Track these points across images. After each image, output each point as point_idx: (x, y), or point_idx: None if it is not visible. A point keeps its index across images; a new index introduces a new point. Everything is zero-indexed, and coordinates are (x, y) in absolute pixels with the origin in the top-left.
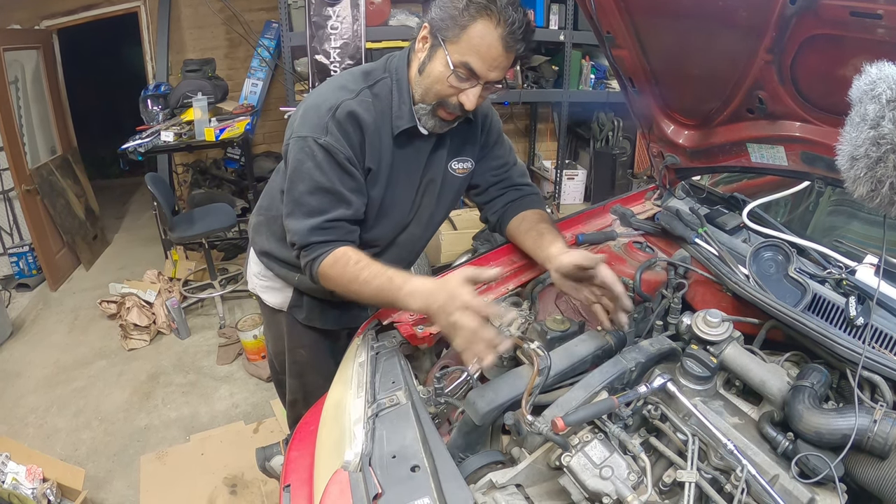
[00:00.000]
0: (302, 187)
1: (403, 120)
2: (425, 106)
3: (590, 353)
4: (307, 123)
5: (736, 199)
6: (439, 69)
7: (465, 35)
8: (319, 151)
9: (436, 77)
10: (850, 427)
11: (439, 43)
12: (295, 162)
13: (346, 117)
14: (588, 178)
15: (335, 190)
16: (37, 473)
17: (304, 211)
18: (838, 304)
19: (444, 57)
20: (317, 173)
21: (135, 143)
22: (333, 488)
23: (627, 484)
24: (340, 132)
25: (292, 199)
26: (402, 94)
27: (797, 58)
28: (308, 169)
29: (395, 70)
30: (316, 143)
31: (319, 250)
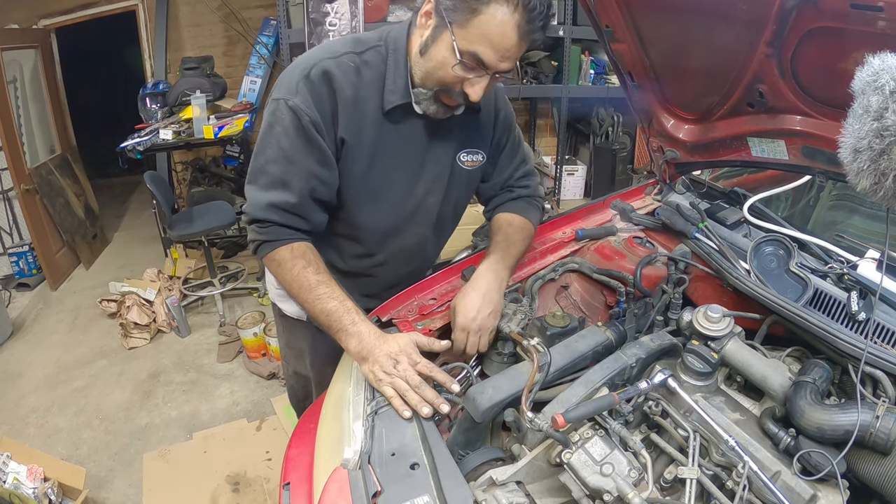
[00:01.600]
0: (269, 153)
1: (396, 95)
2: (425, 91)
3: (590, 349)
4: (281, 84)
5: (736, 193)
6: (443, 54)
7: (475, 20)
8: (287, 114)
9: (439, 63)
10: (853, 423)
11: (445, 24)
12: (265, 125)
13: (319, 77)
14: (588, 174)
15: (300, 160)
16: (38, 473)
17: (267, 181)
18: (840, 299)
19: (450, 42)
20: (283, 139)
21: (133, 141)
22: (333, 486)
23: (628, 481)
24: (311, 93)
25: (256, 166)
26: (398, 68)
27: (798, 51)
28: (276, 134)
29: (392, 41)
30: (285, 105)
31: (278, 235)
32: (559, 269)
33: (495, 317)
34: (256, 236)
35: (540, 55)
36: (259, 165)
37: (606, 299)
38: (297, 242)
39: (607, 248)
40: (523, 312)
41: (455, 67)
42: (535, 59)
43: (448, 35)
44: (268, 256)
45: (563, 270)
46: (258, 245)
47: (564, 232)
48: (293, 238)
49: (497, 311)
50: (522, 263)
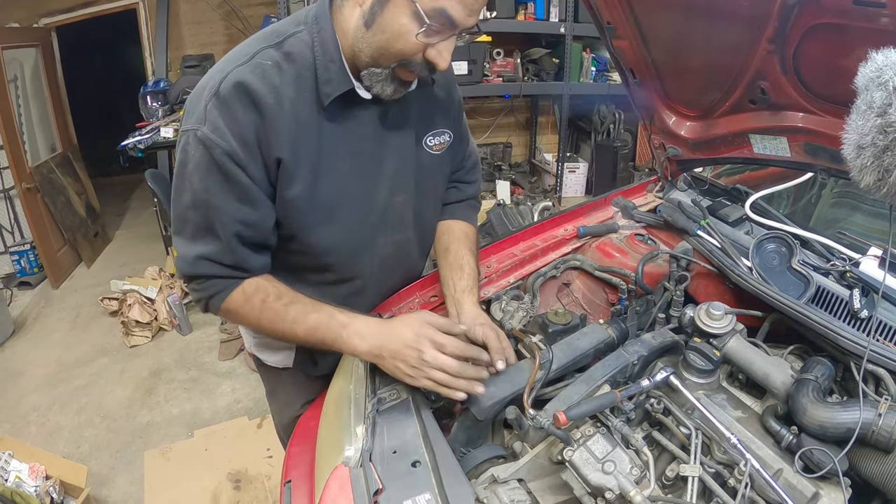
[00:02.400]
0: (186, 198)
1: (333, 84)
2: (380, 70)
3: (592, 346)
4: (189, 112)
5: (738, 190)
6: (401, 21)
7: None
8: (197, 148)
9: (395, 32)
10: (855, 421)
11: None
12: (178, 164)
13: (230, 93)
14: (589, 171)
15: (219, 203)
16: (40, 471)
17: (190, 231)
18: (842, 297)
19: (409, 5)
20: (195, 179)
21: (134, 139)
22: (334, 484)
23: (630, 478)
24: (222, 116)
25: (176, 214)
26: (326, 51)
27: (800, 48)
28: (189, 173)
29: (314, 20)
30: (194, 137)
31: (218, 287)
32: (561, 266)
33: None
34: (198, 295)
35: (541, 52)
36: (179, 212)
37: (608, 296)
38: (246, 281)
39: (609, 246)
40: (525, 310)
41: (420, 33)
42: (536, 56)
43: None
44: (220, 310)
45: (565, 268)
46: (205, 303)
47: (566, 229)
48: (238, 281)
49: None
50: (524, 261)
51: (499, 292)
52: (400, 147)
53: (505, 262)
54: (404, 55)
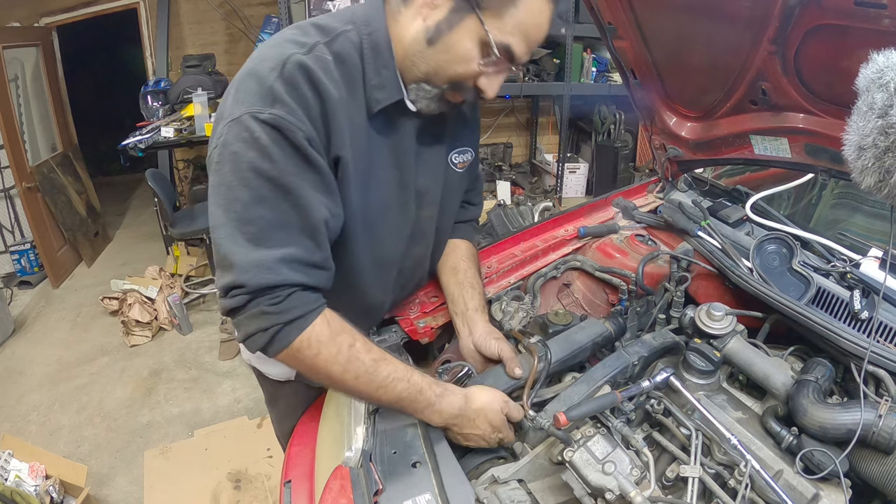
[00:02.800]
0: (245, 195)
1: (385, 91)
2: (430, 88)
3: (589, 339)
4: (242, 95)
5: (739, 191)
6: (467, 46)
7: (513, 9)
8: (264, 132)
9: (460, 56)
10: (855, 422)
11: (469, 9)
12: (228, 160)
13: (297, 75)
14: (590, 172)
15: (302, 190)
16: (40, 471)
17: (254, 232)
18: (842, 298)
19: (479, 31)
20: (265, 166)
21: (135, 139)
22: (334, 484)
23: (630, 479)
24: (294, 97)
25: (231, 218)
26: (379, 56)
27: (801, 48)
28: (252, 163)
29: (363, 23)
30: (257, 121)
31: (306, 305)
32: (561, 266)
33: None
34: (271, 321)
35: (542, 53)
36: (236, 215)
37: (608, 297)
38: (327, 310)
39: (609, 246)
40: (525, 310)
41: (482, 62)
42: (536, 56)
43: (475, 23)
44: (294, 345)
45: (566, 268)
46: (276, 332)
47: (566, 230)
48: (319, 306)
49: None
50: (525, 261)
51: (499, 293)
52: (432, 162)
53: (505, 262)
54: (460, 79)
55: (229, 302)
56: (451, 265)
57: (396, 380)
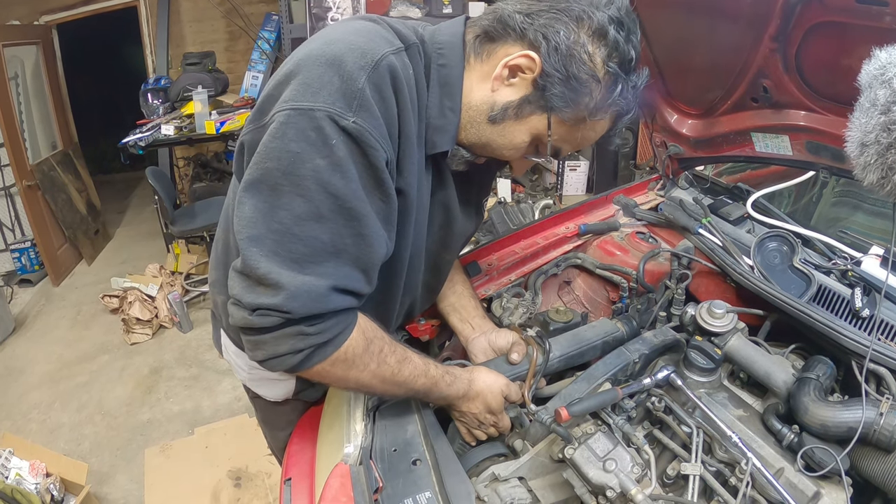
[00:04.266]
0: (300, 205)
1: (445, 137)
2: (468, 156)
3: (598, 338)
4: (319, 86)
5: (740, 189)
6: (523, 138)
7: (583, 126)
8: (343, 141)
9: (513, 144)
10: (856, 420)
11: (543, 108)
12: (285, 155)
13: (389, 81)
14: (590, 169)
15: (366, 216)
16: (40, 469)
17: (299, 252)
18: (844, 296)
19: (542, 131)
20: (335, 180)
21: (135, 136)
22: (334, 482)
23: (631, 477)
24: (381, 108)
25: (274, 230)
26: (448, 96)
27: (802, 46)
28: (316, 171)
29: (436, 45)
30: (335, 126)
31: (341, 325)
32: (562, 264)
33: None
34: (309, 342)
35: None
36: (282, 227)
37: (609, 295)
38: (360, 317)
39: (610, 244)
40: (525, 306)
41: (528, 153)
42: None
43: (542, 123)
44: (325, 363)
45: (566, 265)
46: (310, 354)
47: (567, 227)
48: (355, 317)
49: None
50: (526, 258)
51: (500, 290)
52: (467, 209)
53: (506, 259)
54: (501, 158)
55: (259, 321)
56: (448, 280)
57: (416, 377)
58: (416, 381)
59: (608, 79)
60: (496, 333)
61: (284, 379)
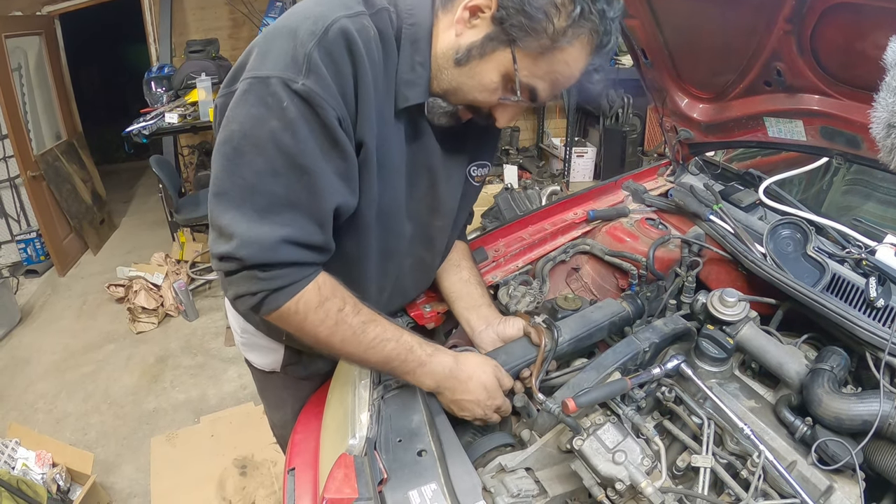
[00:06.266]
0: (259, 163)
1: (416, 90)
2: (445, 105)
3: (606, 318)
4: (273, 55)
5: (752, 175)
6: (491, 78)
7: (550, 56)
8: (295, 103)
9: (483, 84)
10: (872, 413)
11: (505, 42)
12: (246, 119)
13: (338, 44)
14: (598, 156)
15: (320, 171)
16: (46, 459)
17: (263, 204)
18: (858, 285)
19: (508, 67)
20: (286, 139)
21: (139, 125)
22: (338, 472)
23: (641, 469)
24: (331, 70)
25: (238, 185)
26: (417, 51)
27: (817, 28)
28: (275, 132)
29: (407, 8)
30: (287, 90)
31: (293, 276)
32: (570, 250)
33: None
34: (259, 286)
35: None
36: (246, 181)
37: (618, 282)
38: (320, 276)
39: (619, 230)
40: (532, 295)
41: (501, 96)
42: None
43: (507, 58)
44: (283, 310)
45: (575, 252)
46: (264, 297)
47: (576, 213)
48: (313, 273)
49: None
50: (533, 245)
51: (507, 277)
52: (453, 174)
53: (513, 245)
54: (476, 104)
55: (222, 265)
56: (453, 263)
57: (385, 340)
58: (384, 346)
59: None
60: (504, 324)
61: (272, 348)
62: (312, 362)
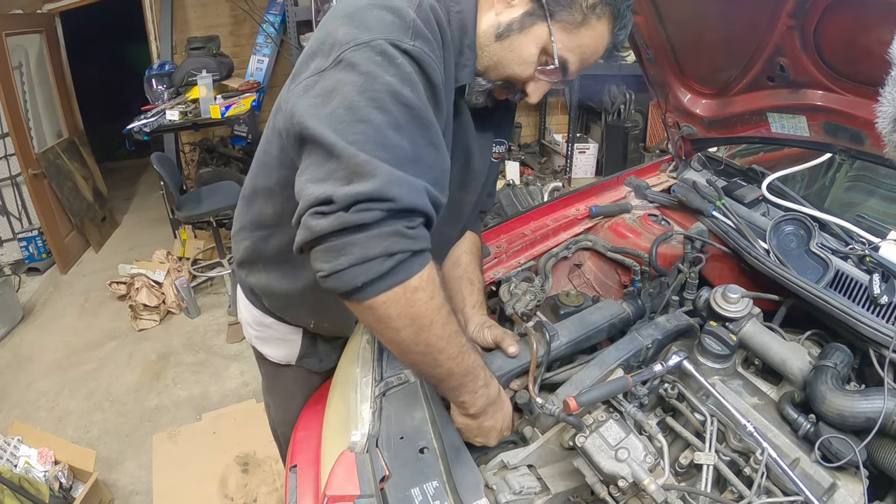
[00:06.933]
0: (378, 118)
1: (467, 71)
2: (485, 83)
3: (605, 320)
4: (373, 23)
5: (755, 171)
6: (531, 50)
7: (582, 29)
8: (407, 61)
9: (522, 57)
10: (875, 410)
11: (543, 16)
12: (357, 79)
13: (430, 18)
14: (600, 152)
15: (436, 130)
16: (48, 456)
17: (398, 156)
18: (862, 282)
19: (547, 39)
20: (406, 92)
21: (140, 122)
22: (340, 470)
23: (644, 466)
24: (432, 37)
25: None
26: (466, 35)
27: (821, 23)
28: (388, 85)
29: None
30: (397, 49)
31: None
32: (572, 246)
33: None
34: (400, 245)
35: None
36: (366, 136)
37: (621, 278)
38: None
39: (622, 226)
40: (533, 293)
41: (539, 68)
42: None
43: (544, 31)
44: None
45: (577, 248)
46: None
47: (578, 209)
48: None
49: None
50: (535, 240)
51: (508, 273)
52: (484, 149)
53: (515, 242)
54: (514, 79)
55: (357, 217)
56: (453, 258)
57: (471, 349)
58: (470, 354)
59: None
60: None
61: (290, 339)
62: (328, 354)
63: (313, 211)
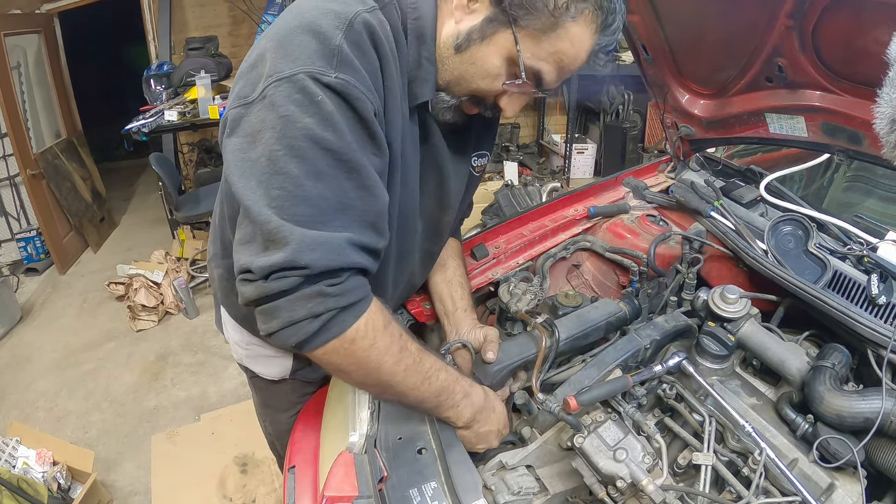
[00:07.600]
0: (295, 168)
1: (426, 87)
2: (450, 98)
3: (602, 318)
4: (296, 53)
5: (753, 171)
6: (494, 62)
7: (553, 34)
8: (328, 96)
9: (485, 70)
10: (873, 410)
11: (506, 23)
12: (274, 125)
13: (366, 36)
14: (598, 152)
15: (364, 171)
16: (47, 457)
17: (306, 215)
18: (860, 282)
19: (511, 50)
20: (327, 135)
21: (138, 123)
22: (338, 470)
23: (642, 467)
24: (362, 61)
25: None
26: (424, 46)
27: (819, 23)
28: (306, 130)
29: (410, 4)
30: (318, 84)
31: (362, 291)
32: (571, 247)
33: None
34: (324, 306)
35: None
36: (284, 193)
37: (619, 279)
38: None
39: (620, 227)
40: (533, 293)
41: (507, 82)
42: None
43: (509, 40)
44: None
45: (575, 249)
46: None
47: (576, 209)
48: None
49: None
50: (534, 241)
51: (507, 274)
52: (460, 167)
53: (514, 242)
54: (481, 94)
55: (275, 285)
56: (440, 263)
57: (438, 370)
58: (438, 375)
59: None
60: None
61: (280, 355)
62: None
63: (240, 278)
